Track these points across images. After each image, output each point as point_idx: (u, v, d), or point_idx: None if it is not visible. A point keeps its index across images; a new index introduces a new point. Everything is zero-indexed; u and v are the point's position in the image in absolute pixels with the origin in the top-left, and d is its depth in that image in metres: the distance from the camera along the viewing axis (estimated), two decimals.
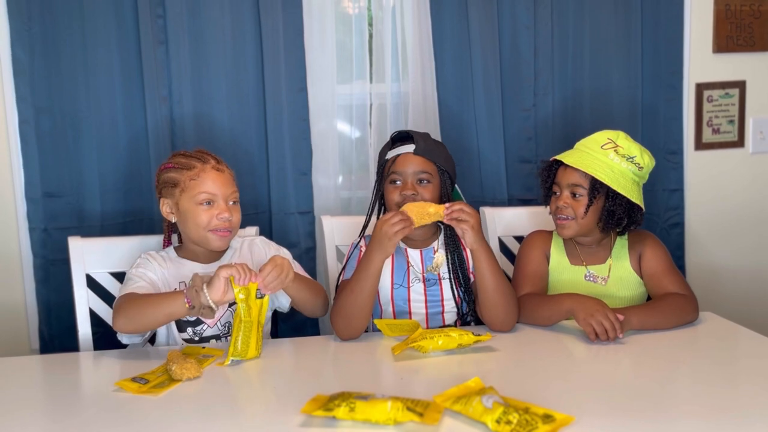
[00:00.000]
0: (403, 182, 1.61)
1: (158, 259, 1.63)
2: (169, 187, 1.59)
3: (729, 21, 2.36)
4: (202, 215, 1.55)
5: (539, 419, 1.03)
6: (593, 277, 1.66)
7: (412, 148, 1.61)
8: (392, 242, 1.47)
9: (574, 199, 1.61)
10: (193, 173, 1.56)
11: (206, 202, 1.55)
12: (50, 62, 2.03)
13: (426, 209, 1.49)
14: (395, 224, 1.46)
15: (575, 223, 1.61)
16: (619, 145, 1.60)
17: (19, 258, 2.11)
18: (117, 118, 2.09)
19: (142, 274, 1.58)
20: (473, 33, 2.20)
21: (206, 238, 1.57)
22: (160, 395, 1.23)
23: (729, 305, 2.28)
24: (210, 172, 1.57)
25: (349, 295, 1.52)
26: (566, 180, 1.62)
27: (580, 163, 1.59)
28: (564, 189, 1.63)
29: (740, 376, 1.31)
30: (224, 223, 1.56)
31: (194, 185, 1.55)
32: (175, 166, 1.59)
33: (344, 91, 2.25)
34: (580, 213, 1.60)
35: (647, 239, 1.69)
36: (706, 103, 2.40)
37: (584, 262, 1.68)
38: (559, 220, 1.64)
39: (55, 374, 1.40)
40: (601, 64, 2.30)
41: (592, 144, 1.63)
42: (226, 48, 2.11)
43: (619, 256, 1.67)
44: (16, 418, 1.17)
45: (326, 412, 1.08)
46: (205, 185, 1.55)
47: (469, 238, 1.50)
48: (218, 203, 1.56)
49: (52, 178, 2.07)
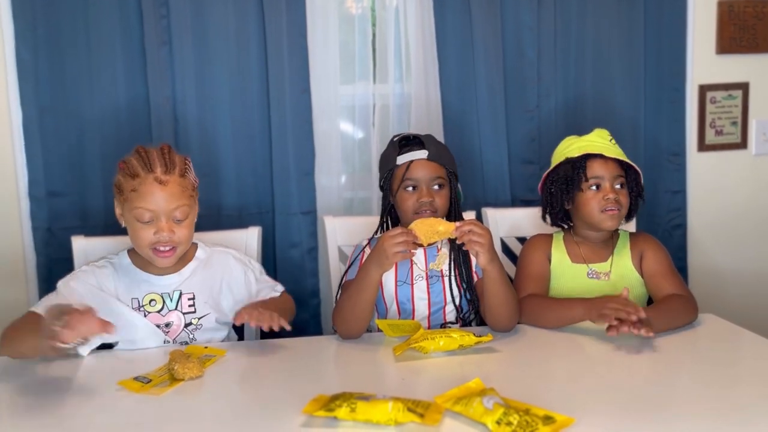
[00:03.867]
0: (418, 189, 1.60)
1: (107, 270, 1.53)
2: (117, 190, 1.48)
3: (732, 22, 2.36)
4: (141, 233, 1.44)
5: (539, 420, 1.03)
6: (596, 274, 1.67)
7: (426, 154, 1.60)
8: (390, 261, 1.43)
9: (619, 190, 1.65)
10: (135, 183, 1.43)
11: (146, 221, 1.44)
12: (54, 62, 2.04)
13: (435, 227, 1.45)
14: (397, 244, 1.41)
15: (620, 213, 1.65)
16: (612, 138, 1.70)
17: (22, 257, 2.12)
18: (120, 118, 2.09)
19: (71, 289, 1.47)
20: (476, 34, 2.20)
21: (150, 257, 1.48)
22: (162, 395, 1.23)
23: (731, 307, 2.27)
24: (150, 186, 1.42)
25: (347, 301, 1.52)
26: (611, 172, 1.65)
27: (621, 155, 1.65)
28: (608, 182, 1.64)
29: (741, 377, 1.31)
30: (164, 242, 1.45)
31: (134, 198, 1.43)
32: (124, 169, 1.47)
33: (347, 91, 2.25)
34: (625, 203, 1.65)
35: (648, 240, 1.71)
36: (709, 105, 2.39)
37: (586, 261, 1.69)
38: (611, 212, 1.63)
39: (57, 372, 1.40)
40: (604, 65, 2.30)
41: (604, 138, 1.69)
42: (229, 48, 2.12)
43: (621, 253, 1.69)
44: (18, 415, 1.18)
45: (327, 412, 1.08)
46: (143, 201, 1.42)
47: (482, 260, 1.45)
48: (158, 220, 1.44)
49: (56, 178, 2.08)
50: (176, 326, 1.52)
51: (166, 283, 1.54)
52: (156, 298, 1.52)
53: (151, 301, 1.52)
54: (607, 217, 1.64)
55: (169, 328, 1.52)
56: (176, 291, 1.54)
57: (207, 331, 1.56)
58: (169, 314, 1.52)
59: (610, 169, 1.64)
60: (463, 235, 1.43)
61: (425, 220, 1.46)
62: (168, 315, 1.52)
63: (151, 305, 1.51)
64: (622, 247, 1.70)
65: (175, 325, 1.52)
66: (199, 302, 1.54)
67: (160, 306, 1.52)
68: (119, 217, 1.52)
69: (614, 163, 1.65)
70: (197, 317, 1.54)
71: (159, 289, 1.53)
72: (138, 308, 1.51)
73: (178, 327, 1.53)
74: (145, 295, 1.52)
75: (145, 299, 1.52)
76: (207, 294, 1.56)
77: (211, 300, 1.56)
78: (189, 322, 1.53)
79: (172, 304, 1.53)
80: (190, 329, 1.54)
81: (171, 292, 1.53)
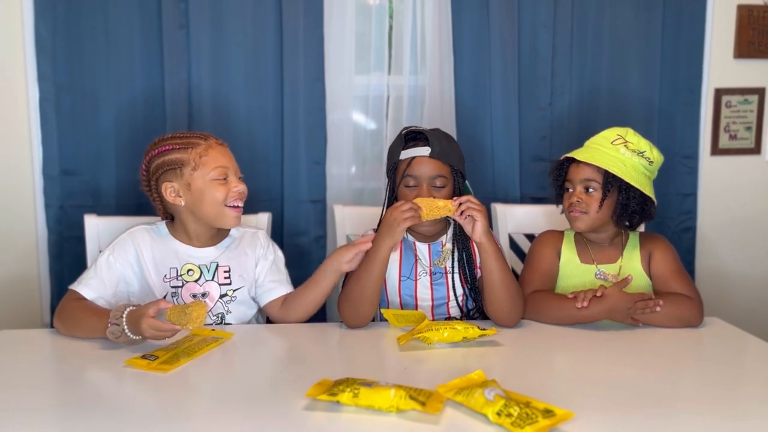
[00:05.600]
0: (418, 186, 1.61)
1: (145, 238, 1.58)
2: (173, 169, 1.51)
3: (751, 27, 2.34)
4: (217, 192, 1.51)
5: (539, 413, 1.04)
6: (604, 275, 1.67)
7: (428, 151, 1.60)
8: (401, 228, 1.48)
9: (588, 194, 1.63)
10: (201, 150, 1.52)
11: (222, 178, 1.52)
12: (72, 41, 2.06)
13: (435, 203, 1.51)
14: (405, 211, 1.48)
15: (588, 216, 1.63)
16: (628, 140, 1.63)
17: (34, 233, 2.15)
18: (136, 100, 2.11)
19: (109, 264, 1.53)
20: (493, 29, 2.20)
21: (223, 215, 1.53)
22: (168, 373, 1.25)
23: (737, 312, 2.28)
24: (217, 148, 1.54)
25: (356, 282, 1.54)
26: (579, 176, 1.64)
27: (593, 159, 1.61)
28: (577, 185, 1.64)
29: (743, 380, 1.31)
30: (240, 195, 1.54)
31: (207, 161, 1.51)
32: (175, 147, 1.52)
33: (362, 81, 2.26)
34: (594, 207, 1.62)
35: (657, 241, 1.70)
36: (725, 109, 2.38)
37: (595, 261, 1.69)
38: (573, 214, 1.65)
39: (65, 348, 1.42)
40: (619, 65, 2.29)
41: (602, 141, 1.65)
42: (246, 34, 2.13)
43: (630, 256, 1.68)
44: (25, 389, 1.20)
45: (330, 396, 1.09)
46: (217, 160, 1.52)
47: (478, 230, 1.50)
48: (231, 178, 1.54)
49: (70, 156, 2.10)
50: (212, 296, 1.57)
51: (203, 255, 1.58)
52: (194, 269, 1.57)
53: (189, 271, 1.57)
54: (572, 219, 1.66)
55: (205, 298, 1.56)
56: (213, 263, 1.58)
57: (240, 304, 1.60)
58: (206, 284, 1.57)
59: (581, 172, 1.64)
60: (460, 206, 1.50)
61: (424, 199, 1.53)
62: (205, 285, 1.57)
63: (189, 275, 1.56)
64: (631, 248, 1.69)
65: (212, 295, 1.57)
66: (234, 275, 1.59)
67: (197, 276, 1.57)
68: (175, 199, 1.53)
69: (588, 167, 1.63)
70: (232, 289, 1.59)
71: (196, 261, 1.58)
72: (176, 277, 1.56)
73: (214, 298, 1.57)
74: (184, 264, 1.57)
75: (183, 269, 1.56)
76: (242, 269, 1.61)
77: (245, 274, 1.61)
78: (224, 293, 1.58)
79: (209, 275, 1.58)
80: (225, 300, 1.58)
81: (208, 264, 1.58)
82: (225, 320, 1.58)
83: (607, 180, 1.61)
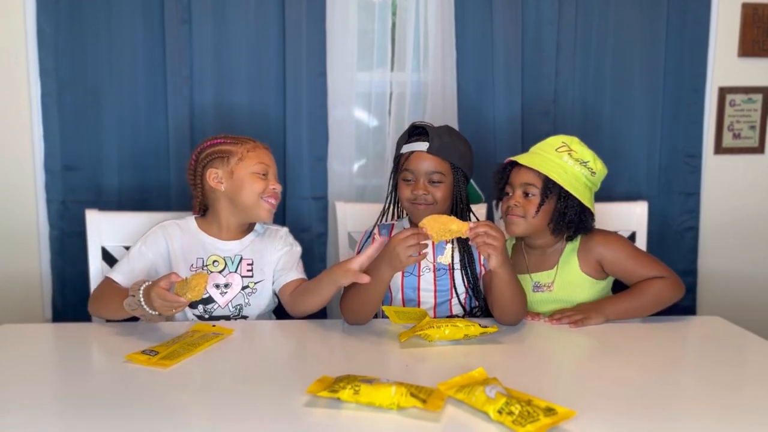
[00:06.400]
0: (415, 181, 1.61)
1: (175, 231, 1.66)
2: (221, 157, 1.63)
3: (756, 25, 2.33)
4: (256, 185, 1.63)
5: (541, 412, 1.04)
6: (539, 287, 1.68)
7: (426, 147, 1.59)
8: (403, 264, 1.42)
9: (526, 199, 1.63)
10: (249, 146, 1.65)
11: (262, 174, 1.64)
12: (75, 37, 2.05)
13: (448, 226, 1.42)
14: (409, 248, 1.40)
15: (525, 221, 1.63)
16: (573, 149, 1.63)
17: (36, 229, 2.15)
18: (138, 95, 2.11)
19: (142, 254, 1.63)
20: (496, 26, 2.19)
21: (258, 205, 1.63)
22: (168, 368, 1.25)
23: (740, 311, 2.27)
24: (262, 149, 1.68)
25: (356, 295, 1.52)
26: (519, 180, 1.64)
27: (534, 164, 1.62)
28: (517, 188, 1.64)
29: (745, 379, 1.31)
30: (275, 194, 1.66)
31: (253, 156, 1.64)
32: (227, 141, 1.66)
33: (364, 78, 2.25)
34: (531, 212, 1.62)
35: (598, 239, 1.66)
36: (728, 108, 2.37)
37: (529, 270, 1.69)
38: (510, 216, 1.64)
39: (66, 343, 1.42)
40: (623, 63, 2.29)
41: (546, 147, 1.66)
42: (248, 30, 2.12)
43: (567, 261, 1.67)
44: (26, 383, 1.20)
45: (331, 393, 1.09)
46: (262, 158, 1.65)
47: (493, 262, 1.44)
48: (270, 176, 1.66)
49: (72, 152, 2.10)
50: (235, 287, 1.63)
51: (229, 248, 1.67)
52: (219, 260, 1.65)
53: (214, 262, 1.64)
54: (507, 222, 1.65)
55: (228, 289, 1.63)
56: (237, 255, 1.66)
57: (260, 297, 1.66)
58: (230, 275, 1.64)
59: (521, 176, 1.63)
60: (477, 237, 1.42)
61: (438, 217, 1.42)
62: (228, 276, 1.64)
63: (214, 265, 1.64)
64: (569, 252, 1.67)
65: (234, 286, 1.63)
66: (256, 268, 1.66)
67: (222, 267, 1.64)
68: (217, 183, 1.63)
69: (529, 172, 1.62)
70: (254, 282, 1.65)
71: (222, 253, 1.66)
72: (202, 267, 1.64)
73: (236, 289, 1.63)
74: (209, 255, 1.65)
75: (209, 259, 1.64)
76: (264, 262, 1.67)
77: (266, 267, 1.67)
78: (246, 285, 1.64)
79: (233, 266, 1.65)
80: (246, 292, 1.64)
81: (233, 256, 1.66)
82: (242, 312, 1.64)
83: (547, 186, 1.60)
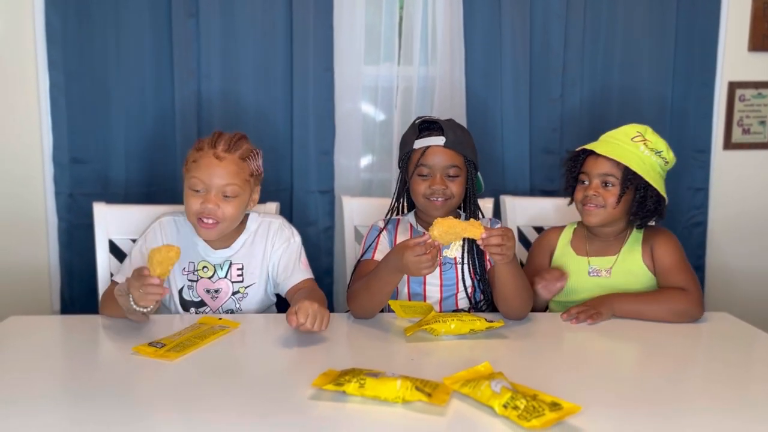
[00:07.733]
0: (432, 176, 1.60)
1: (171, 229, 1.63)
2: (185, 164, 1.57)
3: (766, 19, 2.31)
4: (190, 200, 1.52)
5: (546, 407, 1.03)
6: (596, 272, 1.67)
7: (443, 141, 1.59)
8: (416, 275, 1.40)
9: (605, 189, 1.62)
10: (197, 155, 1.53)
11: (196, 190, 1.51)
12: (83, 29, 2.06)
13: (460, 235, 1.37)
14: (420, 259, 1.35)
15: (604, 211, 1.62)
16: (647, 138, 1.62)
17: (44, 221, 2.16)
18: (145, 89, 2.11)
19: (142, 254, 1.57)
20: (505, 20, 2.18)
21: (194, 226, 1.55)
22: (175, 361, 1.25)
23: (747, 307, 2.25)
24: (208, 159, 1.50)
25: (365, 291, 1.51)
26: (597, 169, 1.63)
27: (614, 154, 1.60)
28: (594, 178, 1.63)
29: (751, 375, 1.30)
30: (203, 213, 1.51)
31: (192, 168, 1.53)
32: (197, 144, 1.57)
33: (371, 72, 2.24)
34: (611, 202, 1.61)
35: (661, 235, 1.68)
36: (738, 103, 2.36)
37: (588, 254, 1.69)
38: (588, 207, 1.63)
39: (73, 335, 1.43)
40: (632, 58, 2.27)
41: (621, 136, 1.64)
42: (255, 23, 2.12)
43: (631, 249, 1.67)
44: (34, 375, 1.20)
45: (336, 386, 1.09)
46: (198, 171, 1.51)
47: (499, 262, 1.45)
48: (207, 193, 1.51)
49: (80, 144, 2.10)
50: (224, 293, 1.61)
51: (218, 256, 1.62)
52: (208, 266, 1.61)
53: (203, 268, 1.61)
54: (585, 212, 1.64)
55: (217, 294, 1.61)
56: (226, 261, 1.62)
57: (253, 301, 1.63)
58: (219, 281, 1.61)
59: (599, 166, 1.62)
60: (490, 248, 1.39)
61: (449, 225, 1.36)
62: (217, 282, 1.61)
63: (204, 271, 1.61)
64: (633, 242, 1.68)
65: (223, 292, 1.61)
66: (247, 272, 1.62)
67: (211, 273, 1.61)
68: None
69: (608, 162, 1.61)
70: (244, 286, 1.62)
71: (212, 260, 1.62)
72: (193, 271, 1.61)
73: (226, 294, 1.61)
74: (200, 261, 1.61)
75: (199, 265, 1.61)
76: (256, 264, 1.63)
77: (258, 270, 1.63)
78: (236, 291, 1.62)
79: (222, 272, 1.61)
80: (237, 297, 1.61)
81: (221, 262, 1.62)
82: None
83: (627, 176, 1.60)
